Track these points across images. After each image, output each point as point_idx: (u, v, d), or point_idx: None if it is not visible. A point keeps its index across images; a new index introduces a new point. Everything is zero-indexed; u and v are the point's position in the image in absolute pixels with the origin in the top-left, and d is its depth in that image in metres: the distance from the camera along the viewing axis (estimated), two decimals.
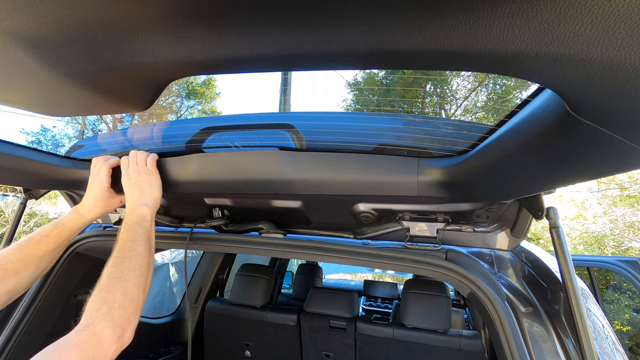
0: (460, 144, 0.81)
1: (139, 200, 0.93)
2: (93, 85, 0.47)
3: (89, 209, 1.01)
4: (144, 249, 0.82)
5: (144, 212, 0.90)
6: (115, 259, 0.78)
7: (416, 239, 1.09)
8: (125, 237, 0.84)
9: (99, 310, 0.67)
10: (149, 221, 0.90)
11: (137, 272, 0.77)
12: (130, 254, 0.79)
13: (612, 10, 0.26)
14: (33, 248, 0.91)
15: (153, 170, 0.98)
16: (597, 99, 0.37)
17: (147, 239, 0.86)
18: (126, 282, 0.73)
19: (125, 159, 0.99)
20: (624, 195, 6.90)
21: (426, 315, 1.74)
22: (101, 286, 0.72)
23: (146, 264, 0.81)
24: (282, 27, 0.35)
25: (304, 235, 1.22)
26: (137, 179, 0.95)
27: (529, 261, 1.13)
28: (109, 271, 0.75)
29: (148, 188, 0.95)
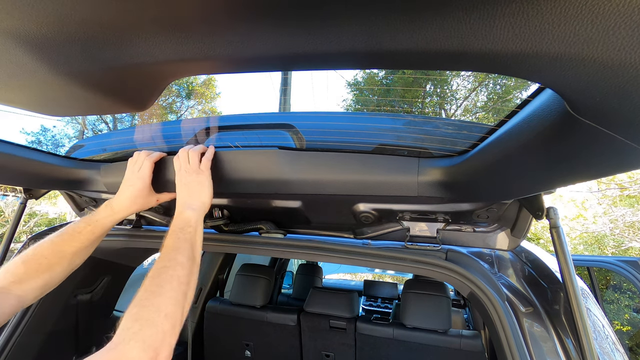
0: (460, 144, 0.81)
1: (186, 203, 0.86)
2: (93, 85, 0.47)
3: (125, 205, 0.97)
4: (186, 259, 0.74)
5: (189, 216, 0.83)
6: (154, 269, 0.71)
7: (416, 239, 1.09)
8: (167, 243, 0.77)
9: (130, 328, 0.60)
10: (194, 227, 0.82)
11: (175, 285, 0.68)
12: (170, 264, 0.72)
13: (613, 10, 0.26)
14: (66, 244, 0.90)
15: (205, 169, 0.90)
16: (597, 99, 0.37)
17: (190, 246, 0.77)
18: (161, 296, 0.66)
19: (177, 159, 0.93)
20: (624, 195, 6.90)
21: (426, 315, 1.74)
22: (136, 300, 0.66)
23: (186, 275, 0.72)
24: (282, 27, 0.35)
25: (304, 235, 1.22)
26: (187, 179, 0.89)
27: (529, 261, 1.13)
28: (146, 283, 0.69)
29: (196, 189, 0.88)
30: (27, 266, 0.83)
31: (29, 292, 0.82)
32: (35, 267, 0.84)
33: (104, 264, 1.45)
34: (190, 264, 0.74)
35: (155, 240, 1.25)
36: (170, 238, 0.78)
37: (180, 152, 0.93)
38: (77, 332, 1.41)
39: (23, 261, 0.84)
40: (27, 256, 0.85)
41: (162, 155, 1.00)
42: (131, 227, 1.29)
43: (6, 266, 0.83)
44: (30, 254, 0.85)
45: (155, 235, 1.25)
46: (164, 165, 1.01)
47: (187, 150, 0.92)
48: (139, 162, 0.98)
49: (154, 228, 1.33)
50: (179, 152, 0.93)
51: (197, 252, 0.79)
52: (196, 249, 0.79)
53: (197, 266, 0.77)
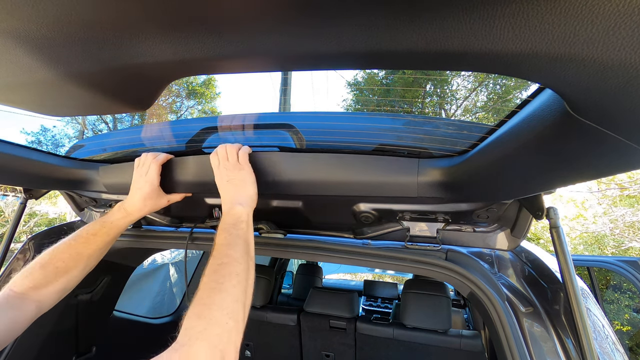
0: (460, 144, 0.81)
1: (234, 199, 0.84)
2: (93, 85, 0.47)
3: (137, 207, 0.98)
4: (240, 254, 0.72)
5: (240, 212, 0.81)
6: (211, 266, 0.70)
7: (416, 239, 1.09)
8: (220, 240, 0.75)
9: (194, 327, 0.58)
10: (245, 222, 0.80)
11: (234, 282, 0.66)
12: (226, 260, 0.70)
13: (613, 10, 0.26)
14: (82, 247, 0.90)
15: (244, 164, 0.89)
16: (597, 99, 0.37)
17: (244, 242, 0.76)
18: (221, 293, 0.63)
19: (215, 156, 0.91)
20: (624, 195, 6.90)
21: (426, 315, 1.74)
22: (197, 298, 0.63)
23: (244, 271, 0.70)
24: (283, 27, 0.35)
25: (304, 235, 1.22)
26: (229, 176, 0.87)
27: (529, 261, 1.13)
28: (204, 280, 0.66)
29: (241, 185, 0.87)
30: (45, 271, 0.83)
31: (47, 296, 0.82)
32: (53, 271, 0.84)
33: (104, 264, 1.44)
34: (246, 259, 0.72)
35: (155, 240, 1.25)
36: (222, 235, 0.76)
37: (218, 149, 0.91)
38: (77, 332, 1.41)
39: (41, 266, 0.83)
40: (43, 261, 0.84)
41: (168, 157, 1.00)
42: (131, 227, 1.29)
43: (24, 271, 0.82)
44: (47, 258, 0.85)
45: (155, 235, 1.25)
46: (171, 167, 1.01)
47: (225, 146, 0.91)
48: (146, 165, 0.98)
49: (154, 228, 1.33)
50: (217, 149, 0.91)
51: (251, 248, 0.77)
52: (250, 245, 0.78)
53: (253, 263, 0.75)
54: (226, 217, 0.81)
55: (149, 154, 0.99)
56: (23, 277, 0.81)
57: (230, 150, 0.90)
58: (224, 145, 0.91)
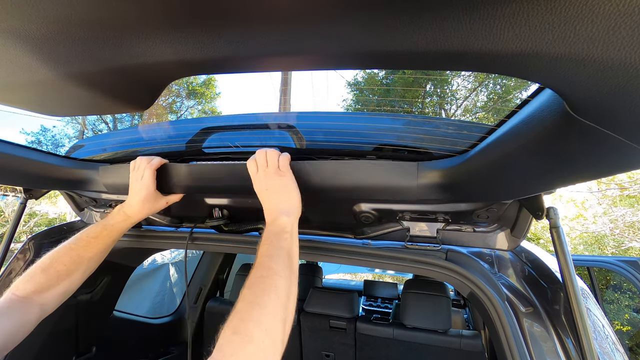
0: (460, 144, 0.81)
1: (278, 208, 0.80)
2: (93, 85, 0.47)
3: (136, 210, 0.99)
4: (283, 267, 0.67)
5: (284, 222, 0.77)
6: (251, 277, 0.66)
7: (416, 239, 1.09)
8: (262, 251, 0.71)
9: (230, 342, 0.55)
10: (290, 233, 0.75)
11: (273, 296, 0.62)
12: (267, 273, 0.65)
13: (613, 10, 0.26)
14: (83, 250, 0.90)
15: (286, 171, 0.84)
16: (597, 99, 0.37)
17: (287, 254, 0.71)
18: (260, 308, 0.59)
19: (253, 162, 0.86)
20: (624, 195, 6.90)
21: (426, 315, 1.74)
22: (235, 311, 0.60)
23: (285, 286, 0.65)
24: (283, 27, 0.35)
25: (304, 235, 1.22)
26: (269, 183, 0.82)
27: (529, 261, 1.13)
28: (243, 292, 0.63)
29: (284, 192, 0.82)
30: (47, 275, 0.83)
31: (50, 299, 0.82)
32: (55, 275, 0.84)
33: (104, 264, 1.44)
34: (288, 273, 0.67)
35: (155, 240, 1.25)
36: (264, 246, 0.72)
37: (257, 154, 0.86)
38: (77, 332, 1.41)
39: (42, 270, 0.84)
40: (45, 264, 0.85)
41: (162, 162, 1.00)
42: (131, 227, 1.29)
43: (25, 276, 0.82)
44: (48, 262, 0.85)
45: (155, 235, 1.25)
46: (166, 171, 1.01)
47: (265, 151, 0.86)
48: (140, 170, 0.98)
49: (154, 228, 1.33)
50: (256, 154, 0.87)
51: (294, 260, 0.73)
52: (293, 257, 0.73)
53: (296, 277, 0.70)
54: (270, 227, 0.77)
55: (143, 159, 0.99)
56: (25, 281, 0.81)
57: (271, 156, 0.85)
58: (263, 150, 0.86)
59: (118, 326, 1.85)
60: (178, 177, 1.01)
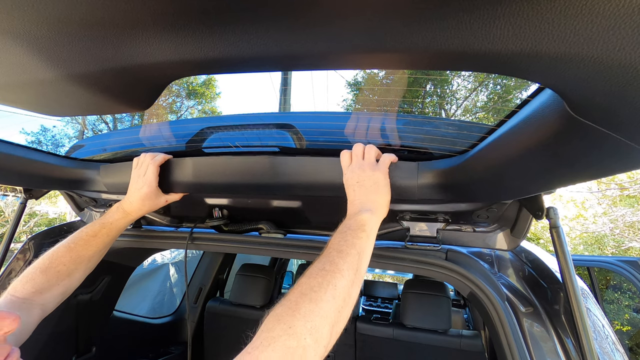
0: (460, 144, 0.81)
1: (363, 204, 0.75)
2: (93, 85, 0.47)
3: (135, 207, 0.98)
4: (348, 267, 0.61)
5: (365, 219, 0.71)
6: (312, 267, 0.61)
7: (416, 239, 1.09)
8: (332, 243, 0.66)
9: (270, 330, 0.51)
10: (367, 233, 0.68)
11: (329, 295, 0.56)
12: (329, 267, 0.59)
13: (613, 10, 0.26)
14: (83, 249, 0.90)
15: (382, 167, 0.79)
16: (597, 99, 0.37)
17: (358, 254, 0.64)
18: (311, 303, 0.54)
19: (346, 154, 0.83)
20: (624, 195, 6.90)
21: (426, 315, 1.74)
22: (286, 299, 0.56)
23: (345, 288, 0.58)
24: (283, 27, 0.35)
25: (304, 235, 1.22)
26: (362, 177, 0.77)
27: (529, 261, 1.13)
28: (300, 281, 0.58)
29: (374, 188, 0.76)
30: (47, 275, 0.83)
31: (50, 300, 0.82)
32: (55, 275, 0.84)
33: (104, 264, 1.44)
34: (352, 275, 0.61)
35: (155, 240, 1.25)
36: (337, 238, 0.67)
37: (355, 147, 0.83)
38: (77, 332, 1.41)
39: (42, 270, 0.83)
40: (44, 265, 0.84)
41: (166, 158, 1.00)
42: (131, 227, 1.29)
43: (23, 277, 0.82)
44: (48, 263, 0.85)
45: (155, 235, 1.25)
46: (170, 167, 1.01)
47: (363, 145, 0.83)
48: (144, 166, 0.98)
49: (154, 228, 1.33)
50: (354, 147, 0.83)
51: (363, 264, 0.65)
52: (363, 260, 0.65)
53: (360, 282, 0.63)
54: (348, 221, 0.71)
55: (147, 155, 0.99)
56: (23, 282, 0.80)
57: (369, 150, 0.81)
58: (361, 144, 0.83)
59: (118, 326, 1.85)
60: (182, 173, 1.01)
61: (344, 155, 0.84)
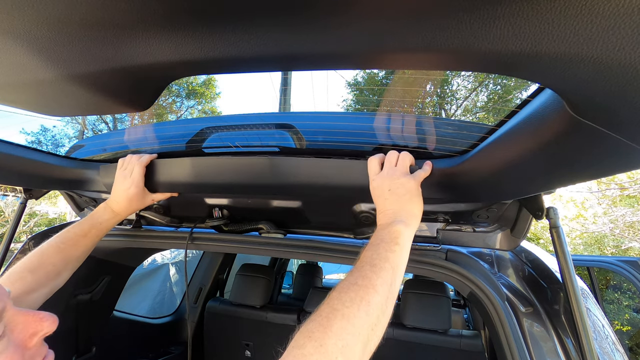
0: (460, 144, 0.81)
1: (395, 213, 0.71)
2: (93, 85, 0.47)
3: (123, 207, 0.99)
4: (382, 282, 0.58)
5: (399, 230, 0.67)
6: (344, 281, 0.58)
7: (416, 239, 1.09)
8: (365, 257, 0.63)
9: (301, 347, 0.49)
10: (401, 246, 0.65)
11: (363, 312, 0.53)
12: (362, 282, 0.57)
13: (612, 10, 0.26)
14: (72, 249, 0.89)
15: (417, 178, 0.77)
16: (597, 99, 0.37)
17: (392, 269, 0.61)
18: (344, 320, 0.52)
19: (376, 160, 0.81)
20: (624, 195, 6.90)
21: (426, 315, 1.74)
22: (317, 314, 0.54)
23: (378, 304, 0.56)
24: (282, 27, 0.35)
25: (304, 235, 1.22)
26: (394, 184, 0.74)
27: (529, 261, 1.13)
28: (332, 295, 0.56)
29: (407, 198, 0.73)
30: (36, 275, 0.82)
31: (37, 300, 0.81)
32: (44, 275, 0.83)
33: (104, 264, 1.45)
34: (386, 291, 0.58)
35: (155, 240, 1.25)
36: (370, 251, 0.64)
37: (390, 154, 0.80)
38: (77, 332, 1.41)
39: (30, 270, 0.82)
40: (33, 265, 0.83)
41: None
42: (131, 227, 1.29)
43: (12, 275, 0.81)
44: (36, 263, 0.84)
45: (155, 235, 1.25)
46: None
47: (396, 153, 0.80)
48: (130, 166, 0.99)
49: (154, 228, 1.33)
50: (389, 154, 0.81)
51: (397, 279, 0.62)
52: (397, 275, 0.62)
53: (394, 298, 0.60)
54: (381, 232, 0.68)
55: (133, 156, 1.00)
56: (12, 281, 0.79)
57: (404, 157, 0.78)
58: (395, 151, 0.80)
59: (118, 326, 1.85)
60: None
61: (373, 161, 0.81)
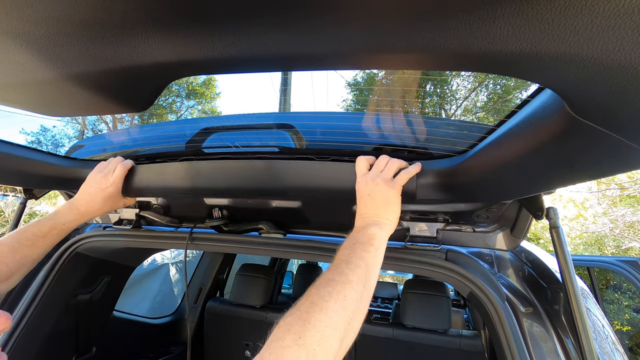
0: (460, 144, 0.81)
1: (370, 216, 0.75)
2: (93, 85, 0.47)
3: (95, 208, 0.96)
4: (357, 279, 0.61)
5: (374, 233, 0.71)
6: (322, 278, 0.61)
7: (416, 239, 1.09)
8: (341, 256, 0.66)
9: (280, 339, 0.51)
10: (375, 247, 0.69)
11: (338, 305, 0.56)
12: (340, 279, 0.60)
13: (613, 10, 0.26)
14: (28, 250, 0.84)
15: (397, 185, 0.78)
16: (597, 99, 0.37)
17: (366, 267, 0.64)
18: (321, 313, 0.54)
19: (364, 162, 0.82)
20: (624, 195, 6.90)
21: (426, 315, 1.74)
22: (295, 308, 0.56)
23: (354, 299, 0.59)
24: (282, 27, 0.35)
25: (304, 235, 1.22)
26: (374, 190, 0.77)
27: (529, 261, 1.13)
28: (310, 291, 0.59)
29: (384, 203, 0.76)
30: None
31: None
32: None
33: (104, 264, 1.45)
34: (361, 288, 0.61)
35: (155, 240, 1.25)
36: (345, 251, 0.67)
37: (380, 159, 0.82)
38: (77, 332, 1.41)
39: None
40: None
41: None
42: (131, 227, 1.29)
43: None
44: None
45: (155, 235, 1.25)
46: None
47: (387, 157, 0.82)
48: (110, 167, 0.98)
49: (154, 228, 1.33)
50: (380, 158, 0.82)
51: (372, 278, 0.65)
52: (372, 274, 0.66)
53: (369, 297, 0.63)
54: (357, 234, 0.71)
55: (117, 158, 1.01)
56: None
57: (391, 165, 0.80)
58: (386, 156, 0.82)
59: (118, 326, 1.85)
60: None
61: (361, 161, 0.82)
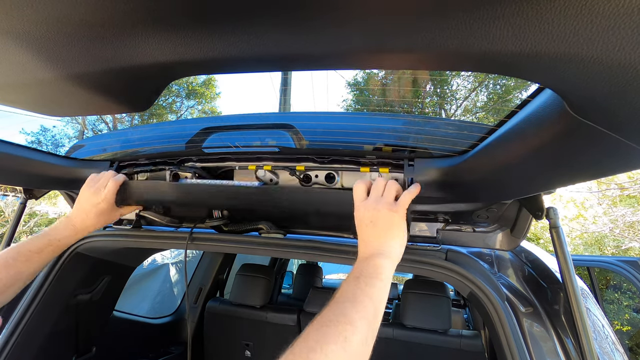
0: (460, 144, 0.81)
1: (377, 247, 0.69)
2: (93, 85, 0.47)
3: (89, 224, 0.96)
4: (360, 317, 0.55)
5: (381, 265, 0.65)
6: (320, 318, 0.56)
7: (416, 239, 1.09)
8: (344, 291, 0.60)
9: None
10: (384, 281, 0.62)
11: (339, 349, 0.50)
12: (340, 320, 0.54)
13: (612, 10, 0.26)
14: (23, 265, 0.84)
15: (401, 208, 0.73)
16: (597, 99, 0.37)
17: (372, 304, 0.58)
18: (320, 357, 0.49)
19: (362, 185, 0.77)
20: (624, 195, 6.90)
21: (426, 315, 1.74)
22: (292, 348, 0.52)
23: (358, 343, 0.53)
24: (282, 27, 0.35)
25: (304, 235, 1.22)
26: (377, 216, 0.71)
27: (529, 261, 1.13)
28: (306, 331, 0.54)
29: (388, 230, 0.70)
30: None
31: None
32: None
33: (104, 264, 1.45)
34: (365, 328, 0.55)
35: (155, 240, 1.25)
36: (349, 285, 0.61)
37: (377, 182, 0.77)
38: (77, 332, 1.41)
39: None
40: None
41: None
42: (131, 227, 1.29)
43: None
44: None
45: (155, 235, 1.25)
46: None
47: (385, 180, 0.77)
48: (102, 182, 0.97)
49: (153, 228, 1.33)
50: (376, 181, 0.78)
51: (378, 314, 0.59)
52: (379, 310, 0.59)
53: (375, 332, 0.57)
54: (362, 265, 0.65)
55: (109, 172, 1.00)
56: None
57: (390, 187, 0.75)
58: (383, 179, 0.78)
59: (118, 326, 1.85)
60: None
61: (359, 187, 0.77)
